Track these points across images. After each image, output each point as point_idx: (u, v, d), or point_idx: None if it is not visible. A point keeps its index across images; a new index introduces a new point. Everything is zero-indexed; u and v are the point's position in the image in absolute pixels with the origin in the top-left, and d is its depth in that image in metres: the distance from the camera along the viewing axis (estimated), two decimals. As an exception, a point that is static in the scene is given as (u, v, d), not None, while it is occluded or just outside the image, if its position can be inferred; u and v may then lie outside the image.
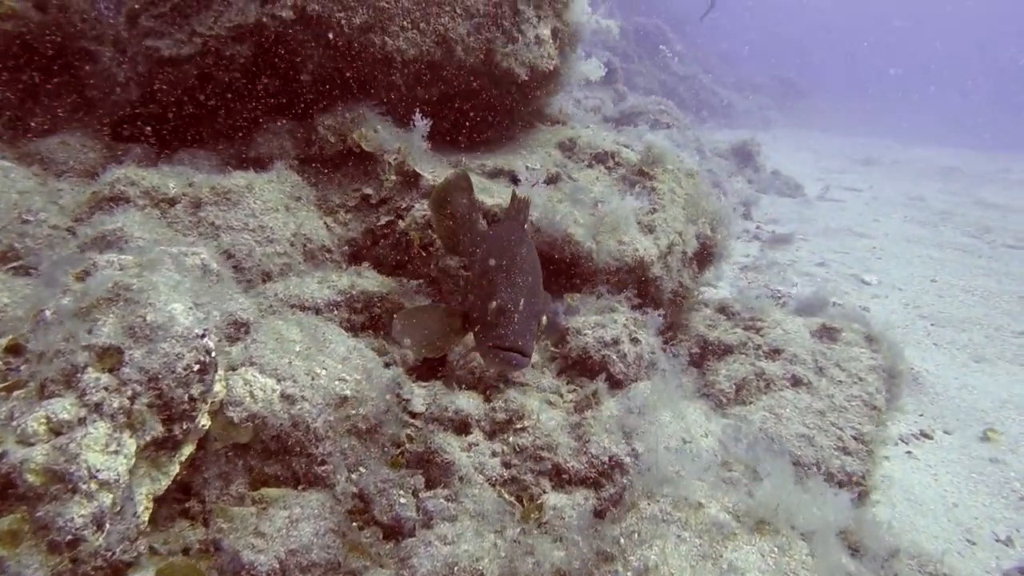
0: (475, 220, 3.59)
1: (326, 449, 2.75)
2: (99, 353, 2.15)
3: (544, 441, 3.04)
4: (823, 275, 9.23)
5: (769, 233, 11.33)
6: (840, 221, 13.18)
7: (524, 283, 2.72)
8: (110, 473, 2.02)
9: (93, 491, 2.00)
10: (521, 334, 2.51)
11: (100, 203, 3.57)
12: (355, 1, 4.20)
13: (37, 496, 1.97)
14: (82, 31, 4.70)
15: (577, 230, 4.19)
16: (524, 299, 2.62)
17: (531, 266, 2.91)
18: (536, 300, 2.73)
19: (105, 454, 2.03)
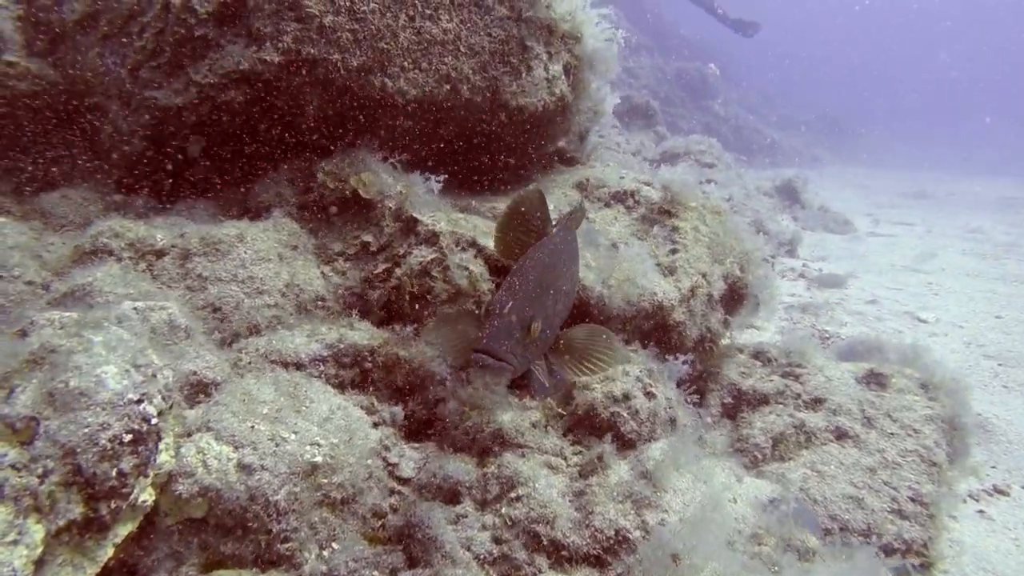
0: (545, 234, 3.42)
1: (290, 524, 2.45)
2: (10, 424, 1.92)
3: (540, 512, 2.68)
4: (875, 313, 8.62)
5: (816, 271, 10.76)
6: (892, 256, 12.48)
7: (523, 287, 2.63)
8: (3, 568, 1.76)
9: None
10: (496, 337, 2.41)
11: (82, 257, 3.44)
12: (352, 42, 4.07)
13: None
14: (92, 86, 4.69)
15: (587, 274, 3.87)
16: (514, 302, 2.53)
17: (543, 273, 2.76)
18: (531, 306, 2.57)
19: (2, 546, 1.78)
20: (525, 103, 4.75)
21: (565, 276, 2.93)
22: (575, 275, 3.10)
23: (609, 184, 5.12)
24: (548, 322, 2.65)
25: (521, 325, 2.49)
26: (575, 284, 3.11)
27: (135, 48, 4.28)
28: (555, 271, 2.84)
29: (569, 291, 2.99)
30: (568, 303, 3.00)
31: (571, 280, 3.03)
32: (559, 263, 2.91)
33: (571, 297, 3.06)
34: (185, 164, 4.50)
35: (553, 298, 2.73)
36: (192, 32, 4.02)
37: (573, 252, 3.16)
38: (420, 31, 4.30)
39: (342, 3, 4.05)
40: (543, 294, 2.66)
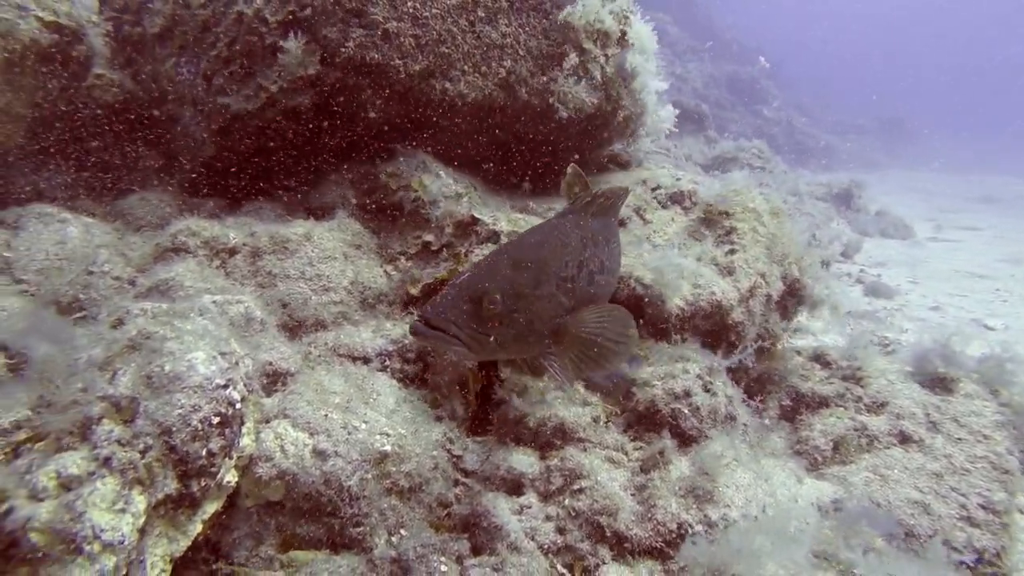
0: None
1: (361, 509, 2.54)
2: (114, 404, 2.05)
3: (603, 504, 2.71)
4: (938, 320, 8.35)
5: (874, 276, 10.47)
6: (956, 262, 12.06)
7: (489, 263, 2.48)
8: (115, 534, 1.89)
9: (95, 553, 1.87)
10: (435, 306, 2.27)
11: (162, 254, 3.62)
12: (415, 47, 4.19)
13: (40, 557, 1.86)
14: (167, 94, 4.93)
15: (645, 273, 3.89)
16: (471, 276, 2.38)
17: (523, 251, 2.52)
18: (492, 281, 2.34)
19: (112, 512, 1.91)
20: (581, 105, 4.80)
21: (565, 257, 2.61)
22: (597, 260, 2.74)
23: (665, 185, 5.12)
24: (525, 303, 2.39)
25: (471, 298, 2.29)
26: (601, 272, 2.75)
27: (209, 57, 4.49)
28: (545, 250, 2.57)
29: (577, 277, 2.65)
30: (577, 289, 2.65)
31: (582, 264, 2.67)
32: (554, 243, 2.63)
33: (580, 284, 2.68)
34: (253, 167, 4.68)
35: (535, 278, 2.46)
36: (263, 40, 4.19)
37: (590, 236, 2.79)
38: (480, 35, 4.40)
39: (405, 9, 4.17)
40: (518, 272, 2.42)
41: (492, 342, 2.33)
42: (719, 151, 18.20)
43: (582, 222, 2.84)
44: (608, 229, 2.99)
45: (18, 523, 1.85)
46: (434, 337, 2.23)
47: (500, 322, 2.32)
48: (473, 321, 2.28)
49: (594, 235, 2.81)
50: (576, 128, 4.97)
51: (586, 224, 2.84)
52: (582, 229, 2.77)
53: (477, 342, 2.30)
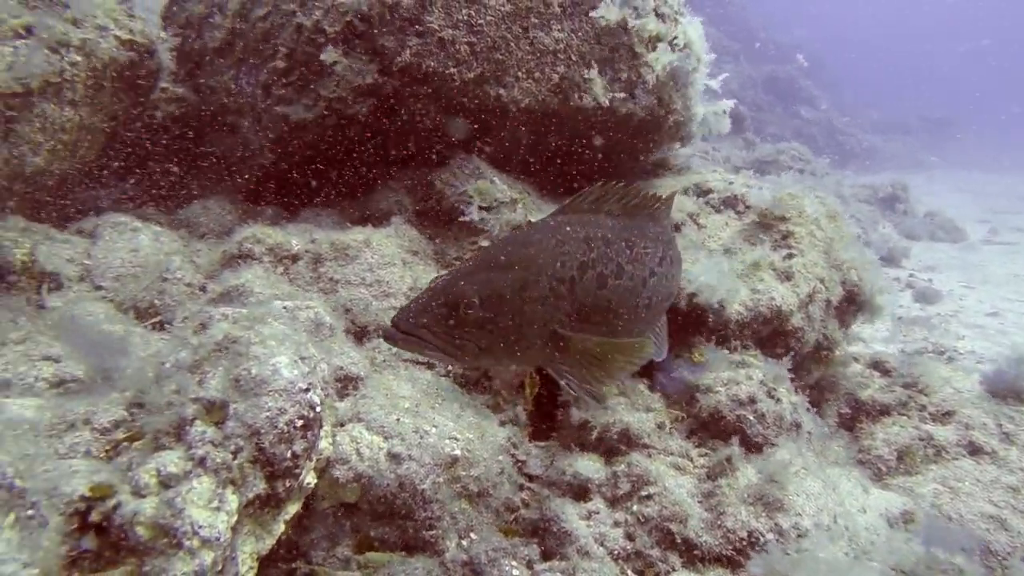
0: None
1: (434, 513, 2.58)
2: (206, 406, 2.13)
3: (672, 511, 2.71)
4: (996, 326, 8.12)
5: (925, 281, 10.23)
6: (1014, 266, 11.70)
7: (471, 265, 2.31)
8: (212, 531, 1.95)
9: (195, 548, 1.93)
10: (407, 311, 2.16)
11: (229, 261, 3.72)
12: (469, 55, 4.24)
13: (145, 550, 1.94)
14: (227, 106, 5.07)
15: (701, 278, 3.87)
16: (449, 280, 2.24)
17: (510, 253, 2.32)
18: (469, 283, 2.19)
19: (208, 510, 1.98)
20: (633, 109, 4.80)
21: (561, 257, 2.37)
22: (611, 263, 2.48)
23: (718, 189, 5.08)
24: (510, 306, 2.21)
25: (447, 302, 2.15)
26: (618, 276, 2.50)
27: (268, 68, 4.61)
28: (533, 249, 2.34)
29: (578, 279, 2.39)
30: (580, 293, 2.40)
31: (585, 265, 2.42)
32: (546, 241, 2.38)
33: (585, 287, 2.41)
34: (310, 174, 4.79)
35: (521, 279, 2.25)
36: (321, 51, 4.29)
37: (600, 236, 2.50)
38: (533, 41, 4.43)
39: (460, 17, 4.23)
40: (500, 273, 2.24)
41: (475, 348, 2.20)
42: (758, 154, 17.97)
43: (589, 220, 2.53)
44: (634, 231, 2.63)
45: (126, 517, 1.93)
46: (407, 343, 2.13)
47: (482, 327, 2.18)
48: (449, 326, 2.15)
49: (607, 235, 2.50)
50: (628, 132, 4.97)
51: (595, 223, 2.52)
52: (587, 228, 2.48)
53: (457, 348, 2.18)
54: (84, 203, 4.42)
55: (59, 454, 2.22)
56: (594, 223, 2.53)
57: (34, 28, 3.27)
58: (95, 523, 2.00)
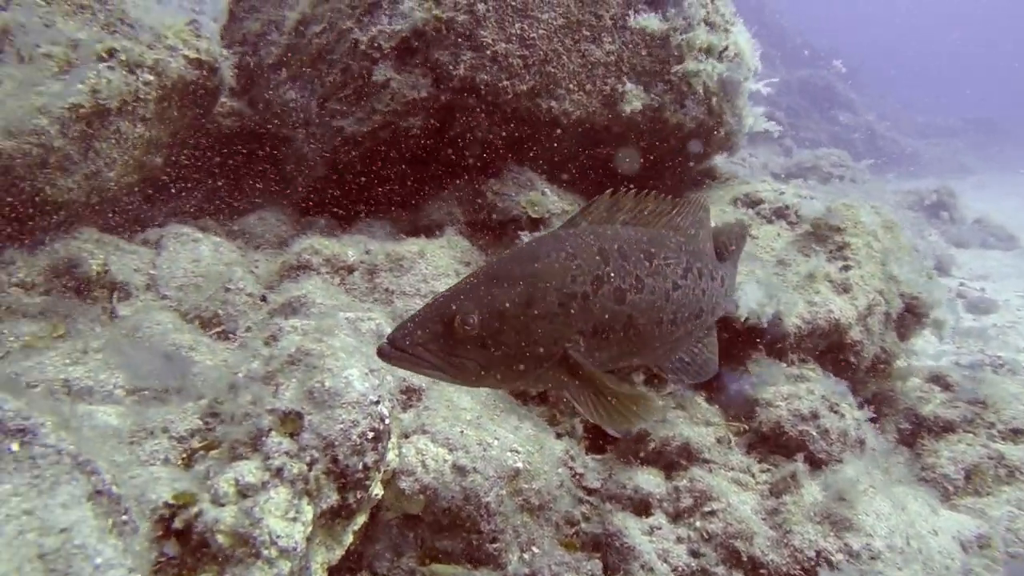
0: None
1: (498, 525, 2.59)
2: (281, 417, 2.17)
3: (738, 528, 2.67)
4: (1057, 338, 7.85)
5: (977, 291, 9.94)
6: (1072, 275, 11.29)
7: (470, 276, 2.19)
8: (289, 540, 1.99)
9: (273, 558, 1.97)
10: (402, 328, 2.04)
11: (288, 271, 3.80)
12: (522, 68, 4.27)
13: (226, 557, 1.98)
14: (281, 119, 5.19)
15: (756, 291, 3.82)
16: (447, 296, 2.11)
17: (512, 267, 2.16)
18: (468, 299, 2.07)
19: (285, 520, 2.02)
20: (683, 120, 4.78)
21: (572, 271, 2.19)
22: (629, 276, 2.29)
23: (768, 199, 5.02)
24: (513, 323, 2.07)
25: (443, 319, 2.04)
26: (639, 290, 2.31)
27: (323, 82, 4.70)
28: (540, 263, 2.17)
29: (592, 294, 2.21)
30: (595, 309, 2.22)
31: (600, 279, 2.23)
32: (555, 254, 2.20)
33: (601, 302, 2.23)
34: (363, 186, 4.86)
35: (526, 294, 2.10)
36: (376, 65, 4.36)
37: (615, 248, 2.31)
38: (584, 54, 4.45)
39: (513, 31, 4.27)
40: (502, 288, 2.10)
41: (476, 368, 2.07)
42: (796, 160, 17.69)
43: (602, 231, 2.34)
44: (653, 242, 2.43)
45: (207, 525, 1.98)
46: (402, 360, 2.01)
47: (482, 345, 2.05)
48: (446, 344, 2.03)
49: (623, 247, 2.32)
50: (678, 143, 4.94)
51: (610, 234, 2.33)
52: (601, 239, 2.30)
53: (455, 367, 2.05)
54: (148, 214, 4.56)
55: (140, 461, 2.29)
56: (608, 234, 2.34)
57: (116, 52, 3.39)
58: (177, 530, 2.06)
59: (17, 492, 1.49)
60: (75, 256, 3.50)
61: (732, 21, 4.99)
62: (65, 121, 3.30)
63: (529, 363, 2.13)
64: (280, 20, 5.10)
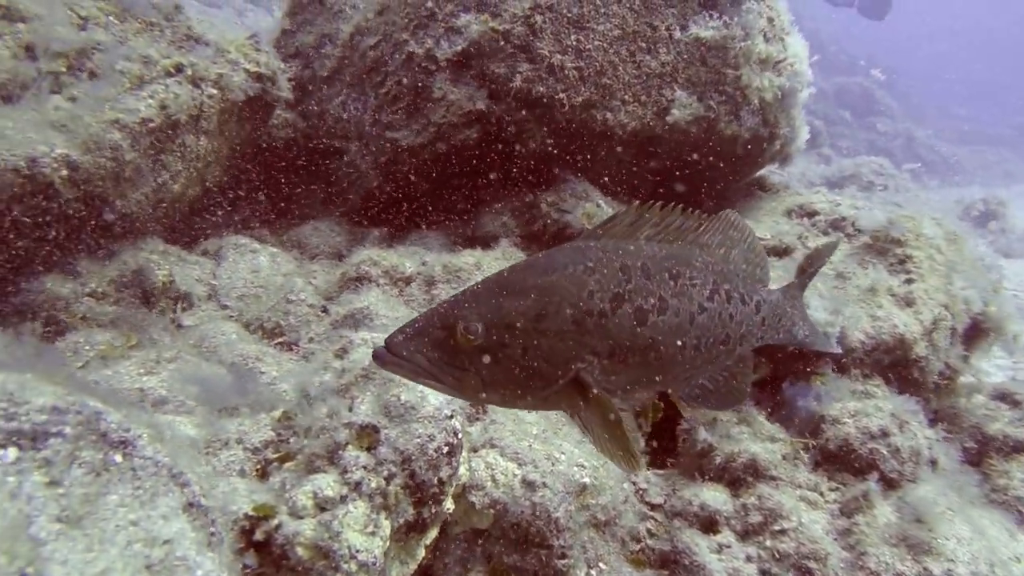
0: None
1: (567, 541, 2.57)
2: (358, 431, 2.18)
3: (811, 548, 2.61)
4: (1120, 354, 7.55)
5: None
6: None
7: (479, 284, 2.06)
8: (368, 555, 2.00)
9: (353, 572, 1.98)
10: (400, 332, 1.93)
11: (347, 283, 3.83)
12: (578, 79, 4.27)
13: (305, 570, 2.00)
14: (334, 130, 5.25)
15: (818, 304, 3.75)
16: (453, 302, 1.99)
17: (524, 276, 2.03)
18: (473, 306, 1.96)
19: (364, 535, 2.02)
20: (738, 131, 4.73)
21: (590, 286, 2.03)
22: (652, 296, 2.13)
23: (823, 211, 4.93)
24: (521, 337, 1.94)
25: (444, 326, 1.91)
26: (663, 312, 2.16)
27: (378, 95, 4.76)
28: (556, 275, 2.03)
29: (610, 312, 2.06)
30: (613, 329, 2.07)
31: (620, 297, 2.08)
32: (573, 266, 2.05)
33: (619, 322, 2.08)
34: (417, 197, 4.90)
35: (537, 307, 1.97)
36: (432, 78, 4.40)
37: (639, 265, 2.15)
38: (640, 65, 4.43)
39: (569, 43, 4.27)
40: (512, 299, 1.97)
41: (478, 382, 1.93)
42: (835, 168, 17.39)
43: (625, 246, 2.18)
44: (679, 260, 2.26)
45: (287, 537, 2.00)
46: (398, 366, 1.89)
47: (485, 357, 1.91)
48: (447, 353, 1.90)
49: (646, 264, 2.16)
50: (732, 154, 4.89)
51: (633, 249, 2.17)
52: (624, 255, 2.13)
53: (456, 379, 1.91)
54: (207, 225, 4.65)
55: (216, 472, 2.32)
56: (632, 249, 2.17)
57: (183, 67, 3.47)
58: (258, 542, 2.08)
59: (123, 503, 1.52)
60: (142, 267, 3.58)
61: (788, 30, 4.94)
62: (136, 135, 3.38)
63: (536, 382, 1.98)
64: (334, 33, 5.18)
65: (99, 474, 1.52)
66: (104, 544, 1.38)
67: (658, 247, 2.23)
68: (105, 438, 1.57)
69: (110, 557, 1.37)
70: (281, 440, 2.43)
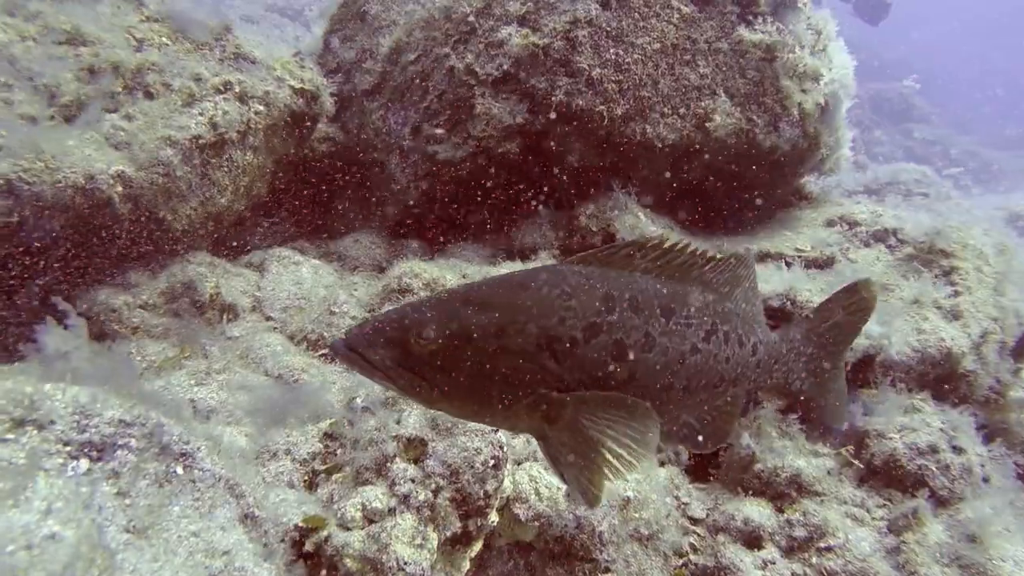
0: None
1: (611, 555, 2.56)
2: (406, 444, 2.21)
3: (859, 567, 2.57)
4: None
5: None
6: None
7: (446, 291, 2.05)
8: (416, 567, 2.02)
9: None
10: (362, 326, 1.88)
11: (389, 294, 3.89)
12: (617, 92, 4.28)
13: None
14: (374, 144, 5.34)
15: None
16: (416, 304, 1.94)
17: (493, 290, 1.98)
18: (433, 311, 1.88)
19: (412, 547, 2.05)
20: (778, 143, 4.69)
21: (562, 312, 1.93)
22: (637, 332, 2.02)
23: (864, 222, 4.86)
24: (477, 351, 1.87)
25: (400, 326, 1.86)
26: (648, 350, 2.04)
27: (418, 109, 4.82)
28: (526, 294, 1.96)
29: (582, 342, 1.95)
30: (585, 362, 1.94)
31: (595, 327, 1.97)
32: (547, 289, 1.96)
33: (592, 355, 1.96)
34: (456, 209, 4.95)
35: (499, 323, 1.90)
36: (472, 92, 4.45)
37: (626, 298, 2.03)
38: (678, 77, 4.43)
39: (608, 56, 4.29)
40: (474, 311, 1.90)
41: (428, 389, 1.87)
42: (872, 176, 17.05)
43: (618, 276, 2.07)
44: (676, 296, 2.14)
45: (337, 549, 2.03)
46: (352, 361, 1.85)
47: (438, 366, 1.85)
48: (401, 355, 1.85)
49: (636, 297, 2.04)
50: (770, 165, 4.85)
51: (625, 280, 2.07)
52: (612, 284, 2.03)
53: (407, 383, 1.86)
54: (250, 237, 4.75)
55: (266, 483, 2.37)
56: (622, 281, 2.05)
57: (231, 85, 3.58)
58: (308, 553, 2.12)
59: (184, 514, 1.56)
60: (191, 279, 3.68)
61: (832, 37, 4.89)
62: (187, 152, 3.48)
63: (494, 402, 1.90)
64: (374, 48, 5.27)
65: (162, 485, 1.57)
66: (168, 555, 1.43)
67: (655, 281, 2.11)
68: (167, 450, 1.63)
69: (174, 567, 1.41)
70: (328, 452, 2.47)
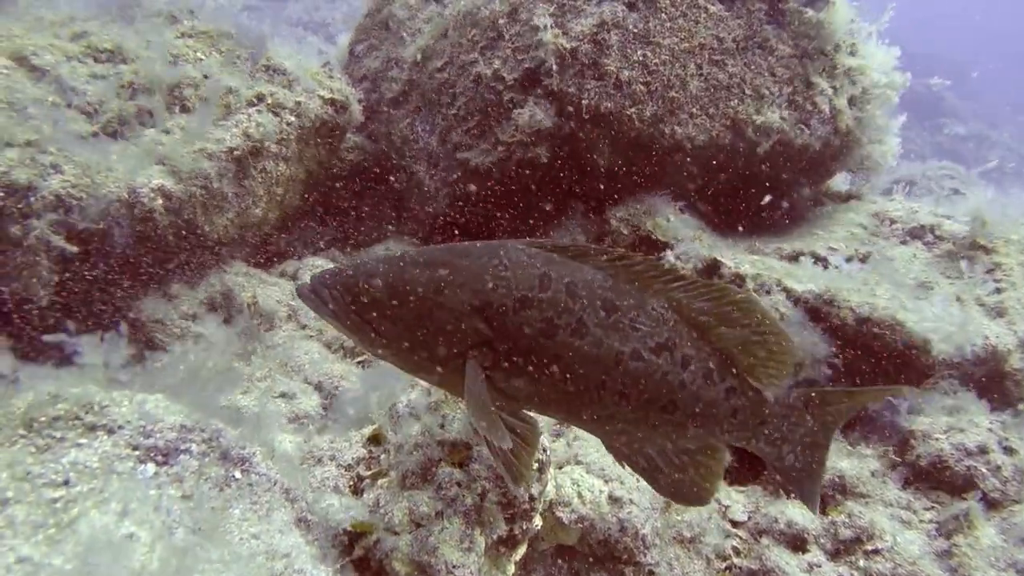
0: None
1: (654, 558, 2.55)
2: (450, 448, 2.23)
3: (909, 570, 2.52)
4: None
5: None
6: None
7: (407, 252, 2.16)
8: (464, 570, 2.03)
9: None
10: (328, 271, 2.12)
11: (423, 301, 3.90)
12: (645, 94, 4.27)
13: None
14: (402, 151, 5.39)
15: (907, 316, 3.63)
16: (377, 261, 2.11)
17: (455, 253, 2.11)
18: (388, 268, 2.06)
19: (460, 550, 2.06)
20: (809, 141, 4.64)
21: (498, 281, 2.04)
22: (572, 317, 2.05)
23: (901, 219, 4.79)
24: (416, 304, 2.01)
25: (355, 274, 2.07)
26: (580, 336, 2.06)
27: (446, 116, 4.86)
28: (469, 259, 2.08)
29: (511, 313, 2.03)
30: (511, 331, 2.04)
31: (526, 302, 2.04)
32: (489, 259, 2.08)
33: (520, 327, 2.04)
34: (486, 216, 4.97)
35: (438, 281, 2.03)
36: (501, 98, 4.47)
37: (565, 283, 2.08)
38: (707, 78, 4.41)
39: (636, 58, 4.28)
40: (420, 268, 2.06)
41: (374, 335, 2.05)
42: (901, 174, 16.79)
43: (563, 263, 2.12)
44: (627, 299, 2.12)
45: (386, 553, 2.05)
46: (311, 302, 2.07)
47: (383, 313, 2.03)
48: (352, 301, 2.05)
49: (577, 283, 2.08)
50: (802, 164, 4.80)
51: (570, 268, 2.11)
52: (554, 267, 2.09)
53: (355, 324, 2.04)
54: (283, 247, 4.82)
55: (313, 488, 2.40)
56: (567, 268, 2.10)
57: (264, 96, 3.64)
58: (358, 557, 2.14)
59: (244, 517, 1.59)
60: (229, 289, 3.74)
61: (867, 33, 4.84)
62: (223, 163, 3.54)
63: (428, 354, 2.05)
64: (400, 57, 5.32)
65: (222, 489, 1.60)
66: (233, 556, 1.45)
67: (604, 278, 2.13)
68: (226, 455, 1.65)
69: (239, 569, 1.43)
70: (372, 457, 2.49)
